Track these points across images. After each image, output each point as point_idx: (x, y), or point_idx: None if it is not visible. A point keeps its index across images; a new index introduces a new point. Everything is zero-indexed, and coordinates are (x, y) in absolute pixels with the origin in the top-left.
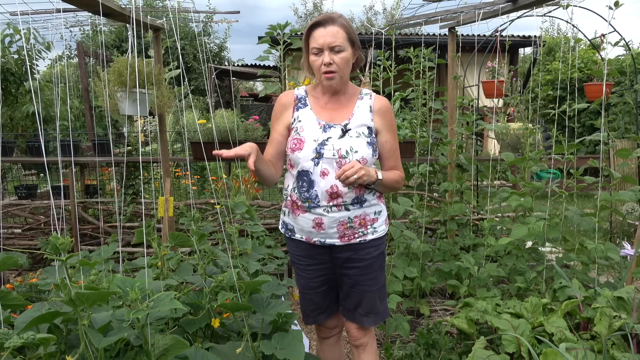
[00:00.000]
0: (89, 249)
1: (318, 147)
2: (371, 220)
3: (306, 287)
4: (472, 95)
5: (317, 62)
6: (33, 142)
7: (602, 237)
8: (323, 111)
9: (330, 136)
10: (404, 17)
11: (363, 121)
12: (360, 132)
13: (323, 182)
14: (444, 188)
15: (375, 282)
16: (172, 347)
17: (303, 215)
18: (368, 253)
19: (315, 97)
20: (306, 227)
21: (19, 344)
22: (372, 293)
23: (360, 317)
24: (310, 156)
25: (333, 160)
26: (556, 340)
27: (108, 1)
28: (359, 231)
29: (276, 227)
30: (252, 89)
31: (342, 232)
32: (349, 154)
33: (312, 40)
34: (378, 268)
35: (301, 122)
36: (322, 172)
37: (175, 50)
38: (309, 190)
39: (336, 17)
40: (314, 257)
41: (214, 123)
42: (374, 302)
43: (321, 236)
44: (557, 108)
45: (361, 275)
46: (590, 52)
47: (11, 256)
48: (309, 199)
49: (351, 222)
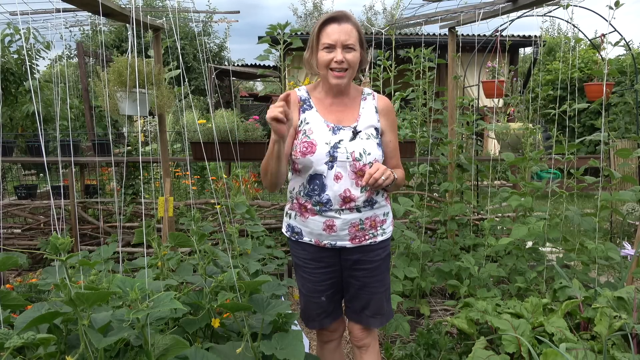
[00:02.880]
0: (89, 249)
1: (331, 150)
2: (381, 221)
3: (313, 291)
4: (472, 95)
5: (327, 58)
6: (33, 142)
7: (602, 237)
8: (329, 113)
9: (342, 139)
10: (404, 17)
11: (370, 122)
12: (369, 133)
13: (337, 186)
14: (444, 188)
15: (382, 284)
16: (172, 347)
17: (313, 217)
18: (377, 255)
19: (318, 99)
20: (316, 229)
21: (19, 344)
22: (380, 294)
23: (367, 318)
24: (324, 160)
25: (347, 164)
26: (556, 341)
27: (108, 1)
28: (370, 232)
29: (276, 227)
30: (252, 88)
31: (353, 234)
32: (362, 157)
33: (324, 35)
34: (385, 269)
35: (309, 124)
36: (335, 176)
37: (175, 50)
38: (320, 194)
39: (349, 15)
40: (322, 260)
41: (214, 123)
42: (381, 303)
43: (332, 239)
44: (557, 108)
45: (369, 277)
46: (591, 52)
47: (11, 256)
48: (320, 203)
49: (362, 223)
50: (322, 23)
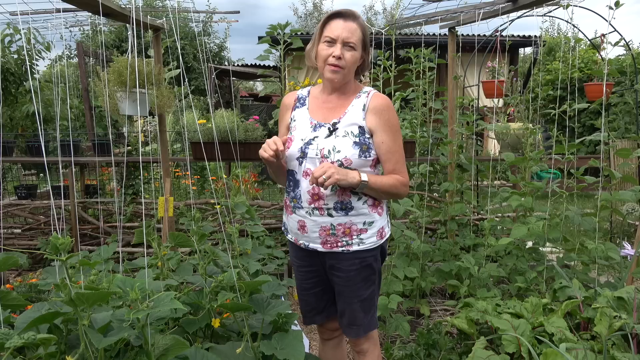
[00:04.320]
0: (89, 249)
1: (303, 146)
2: (358, 230)
3: (300, 288)
4: (472, 95)
5: (326, 52)
6: (33, 142)
7: (602, 237)
8: (319, 110)
9: (317, 135)
10: (404, 17)
11: (354, 120)
12: (348, 131)
13: (305, 182)
14: (445, 188)
15: (356, 295)
16: (172, 347)
17: (291, 216)
18: (352, 264)
19: (315, 96)
20: (294, 228)
21: (19, 344)
22: (354, 305)
23: (344, 326)
24: (296, 155)
25: (316, 160)
26: (556, 341)
27: (108, 1)
28: (343, 240)
29: (276, 227)
30: (252, 88)
31: (324, 238)
32: (331, 154)
33: (327, 28)
34: (361, 281)
35: (295, 121)
36: (304, 172)
37: (175, 50)
38: (294, 190)
39: (358, 15)
40: (303, 258)
41: (214, 123)
42: (356, 314)
43: (305, 239)
44: (557, 108)
45: (344, 285)
46: (591, 52)
47: (11, 256)
48: (295, 199)
49: (334, 229)
50: (328, 16)
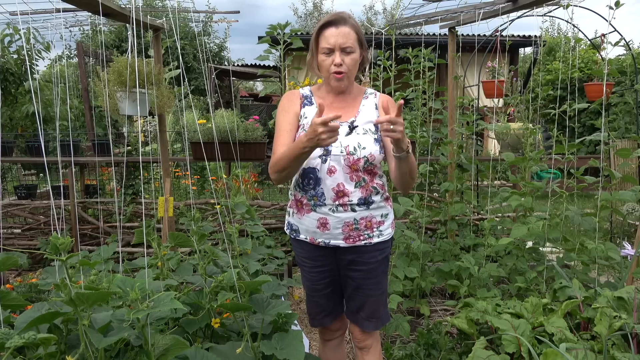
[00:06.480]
0: (89, 249)
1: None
2: (377, 222)
3: (311, 290)
4: (472, 95)
5: (327, 62)
6: (33, 142)
7: (602, 237)
8: (329, 110)
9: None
10: (404, 17)
11: (369, 118)
12: (367, 129)
13: (329, 180)
14: (445, 188)
15: (378, 287)
16: (172, 347)
17: (308, 214)
18: (372, 257)
19: (321, 98)
20: (311, 227)
21: (20, 344)
22: (375, 297)
23: (362, 320)
24: (318, 153)
25: (341, 158)
26: (556, 340)
27: (108, 1)
28: (365, 233)
29: (276, 227)
30: (252, 89)
31: (347, 234)
32: (356, 151)
33: (322, 39)
34: (382, 272)
35: (307, 118)
36: (329, 170)
37: (175, 50)
38: (315, 188)
39: (347, 17)
40: (317, 258)
41: (214, 123)
42: (377, 307)
43: (325, 237)
44: (557, 108)
45: (365, 278)
46: (591, 52)
47: (11, 256)
48: (315, 197)
49: (357, 223)
50: (320, 27)
